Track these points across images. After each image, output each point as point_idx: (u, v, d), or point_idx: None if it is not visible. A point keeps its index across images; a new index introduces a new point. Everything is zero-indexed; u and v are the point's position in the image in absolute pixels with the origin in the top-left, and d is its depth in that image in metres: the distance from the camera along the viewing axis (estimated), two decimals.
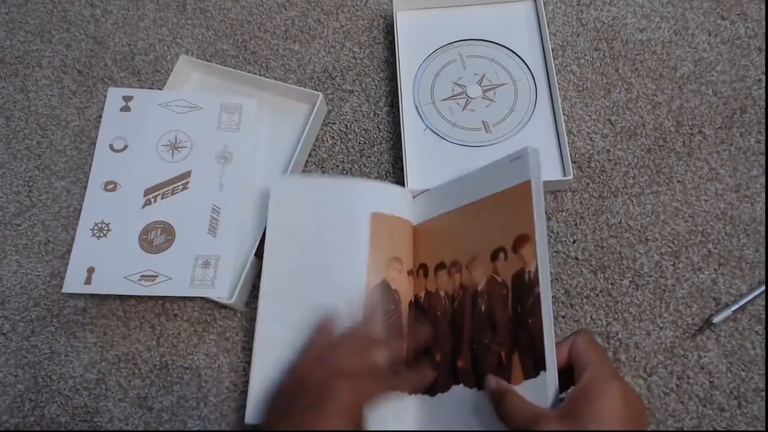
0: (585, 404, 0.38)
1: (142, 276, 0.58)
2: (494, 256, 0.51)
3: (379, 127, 0.68)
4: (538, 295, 0.45)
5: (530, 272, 0.47)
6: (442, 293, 0.55)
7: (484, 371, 0.48)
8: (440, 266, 0.55)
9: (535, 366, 0.44)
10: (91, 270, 0.58)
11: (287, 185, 0.60)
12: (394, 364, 0.51)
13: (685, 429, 0.53)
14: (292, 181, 0.60)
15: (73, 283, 0.58)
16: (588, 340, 0.43)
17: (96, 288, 0.58)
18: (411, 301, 0.56)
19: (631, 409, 0.38)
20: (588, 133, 0.65)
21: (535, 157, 0.50)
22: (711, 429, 0.53)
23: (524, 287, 0.47)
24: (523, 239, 0.49)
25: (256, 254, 0.58)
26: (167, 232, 0.60)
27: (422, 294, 0.56)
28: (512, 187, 0.51)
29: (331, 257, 0.57)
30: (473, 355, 0.50)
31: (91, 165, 0.63)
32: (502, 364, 0.47)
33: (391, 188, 0.60)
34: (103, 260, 0.59)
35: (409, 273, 0.57)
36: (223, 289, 0.57)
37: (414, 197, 0.60)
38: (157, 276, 0.58)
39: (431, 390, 0.52)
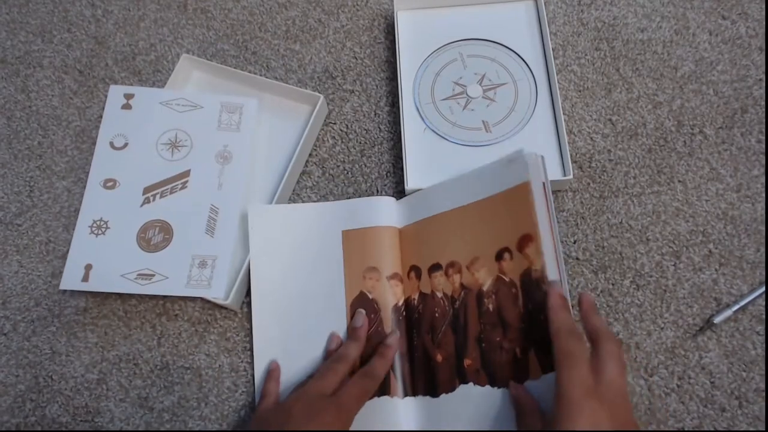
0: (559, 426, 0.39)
1: (138, 275, 0.58)
2: (499, 256, 0.52)
3: (379, 127, 0.68)
4: (545, 293, 0.47)
5: (536, 270, 0.49)
6: (439, 294, 0.55)
7: (494, 369, 0.50)
8: (435, 267, 0.56)
9: (551, 361, 0.45)
10: (88, 267, 0.58)
11: (263, 214, 0.60)
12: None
13: (686, 429, 0.53)
14: (266, 209, 0.61)
15: (71, 280, 0.58)
16: (566, 352, 0.43)
17: (93, 285, 0.58)
18: (396, 305, 0.56)
19: (601, 422, 0.39)
20: (588, 132, 0.65)
21: (536, 159, 0.52)
22: (712, 429, 0.53)
23: (533, 285, 0.49)
24: (527, 239, 0.50)
25: None
26: (165, 231, 0.60)
27: (415, 295, 0.56)
28: (512, 188, 0.53)
29: (312, 281, 0.58)
30: (482, 353, 0.51)
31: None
32: (517, 360, 0.49)
33: (364, 202, 0.60)
34: (101, 258, 0.59)
35: (393, 277, 0.57)
36: (220, 289, 0.57)
37: (404, 198, 0.60)
38: (153, 275, 0.58)
39: (433, 391, 0.52)
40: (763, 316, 0.56)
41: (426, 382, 0.53)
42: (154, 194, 0.62)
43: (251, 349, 0.58)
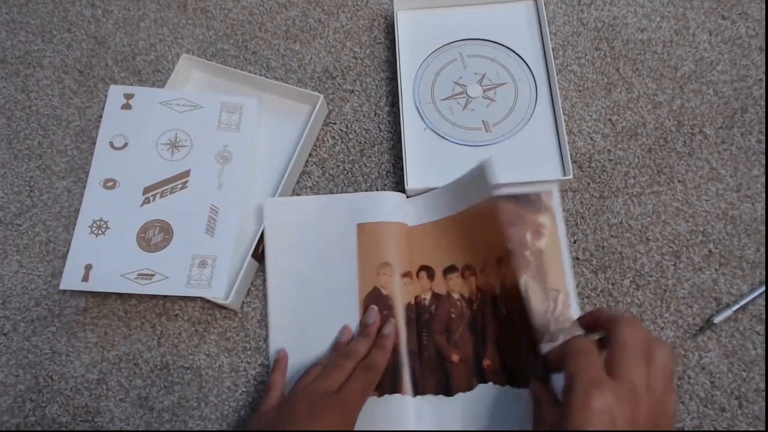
0: (566, 423, 0.37)
1: (138, 274, 0.58)
2: (499, 263, 0.53)
3: (379, 127, 0.68)
4: (523, 307, 0.48)
5: (518, 283, 0.51)
6: (456, 296, 0.55)
7: (514, 369, 0.50)
8: (451, 269, 0.56)
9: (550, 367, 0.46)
10: (88, 267, 0.58)
11: (279, 206, 0.60)
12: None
13: (686, 429, 0.53)
14: (282, 202, 0.61)
15: (71, 280, 0.58)
16: (574, 348, 0.41)
17: (93, 285, 0.58)
18: (409, 303, 0.56)
19: (612, 414, 0.36)
20: (588, 132, 0.65)
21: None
22: (712, 429, 0.53)
23: (518, 294, 0.50)
24: (506, 252, 0.52)
25: (253, 255, 0.58)
26: (165, 230, 0.60)
27: (426, 295, 0.56)
28: (481, 202, 0.54)
29: (327, 273, 0.58)
30: (501, 354, 0.52)
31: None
32: (536, 358, 0.48)
33: (378, 195, 0.60)
34: (101, 258, 0.59)
35: (406, 275, 0.57)
36: (220, 289, 0.57)
37: (415, 197, 0.60)
38: (153, 275, 0.58)
39: (447, 390, 0.52)
40: (763, 316, 0.56)
41: (438, 381, 0.53)
42: (154, 194, 0.62)
43: (252, 349, 0.58)
